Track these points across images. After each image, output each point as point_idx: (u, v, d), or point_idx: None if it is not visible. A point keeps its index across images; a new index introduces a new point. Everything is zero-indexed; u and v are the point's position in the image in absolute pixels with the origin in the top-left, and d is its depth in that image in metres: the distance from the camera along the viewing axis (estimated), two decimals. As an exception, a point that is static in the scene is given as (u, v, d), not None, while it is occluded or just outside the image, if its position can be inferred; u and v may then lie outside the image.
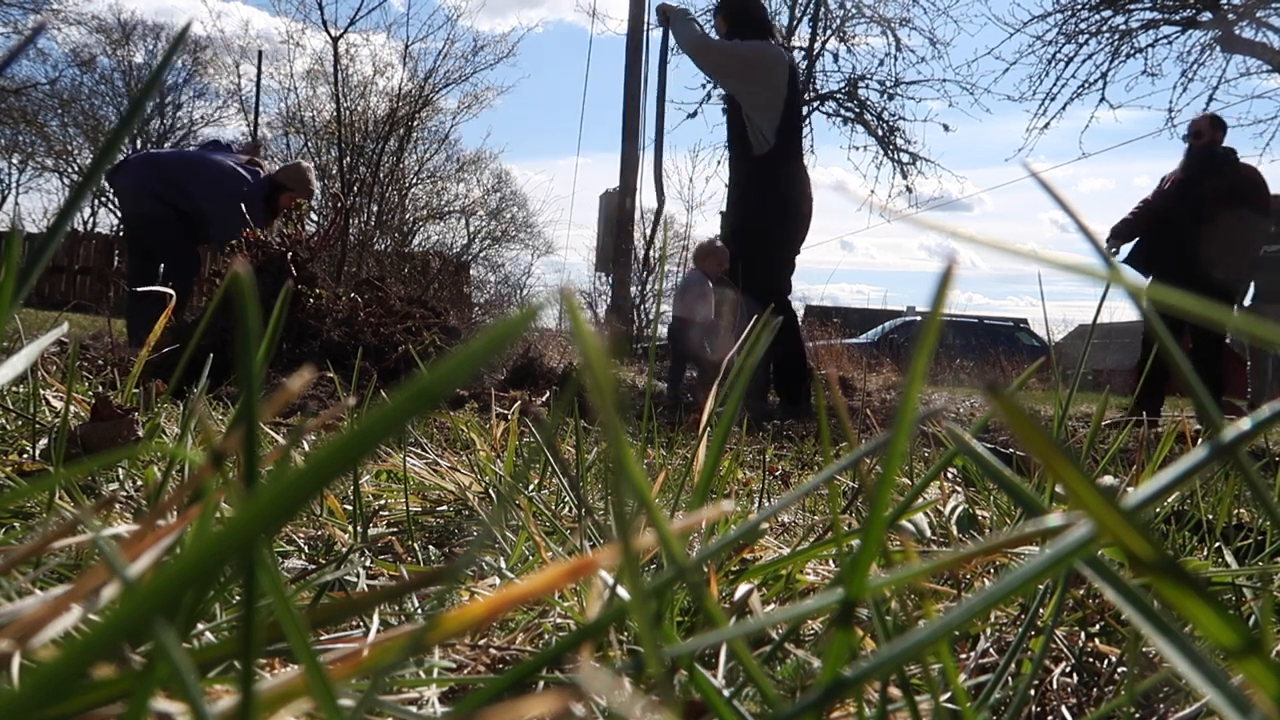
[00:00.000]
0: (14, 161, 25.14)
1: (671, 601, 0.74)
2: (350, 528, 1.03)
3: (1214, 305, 0.29)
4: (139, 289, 5.17)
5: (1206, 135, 5.79)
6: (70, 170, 24.86)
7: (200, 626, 0.61)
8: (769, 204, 4.74)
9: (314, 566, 0.90)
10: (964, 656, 0.76)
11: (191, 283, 5.61)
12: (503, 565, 0.91)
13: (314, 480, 0.23)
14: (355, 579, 0.83)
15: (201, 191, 5.53)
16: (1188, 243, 5.55)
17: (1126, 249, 5.97)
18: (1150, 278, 5.86)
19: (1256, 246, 5.77)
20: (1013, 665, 0.57)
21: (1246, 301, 8.47)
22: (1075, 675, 0.75)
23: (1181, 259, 5.52)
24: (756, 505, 1.43)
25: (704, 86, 13.39)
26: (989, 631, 0.79)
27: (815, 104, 14.54)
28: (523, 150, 49.21)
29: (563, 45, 43.42)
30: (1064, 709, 0.71)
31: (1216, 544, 1.07)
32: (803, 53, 14.32)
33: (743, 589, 0.74)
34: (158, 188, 5.56)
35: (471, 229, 21.97)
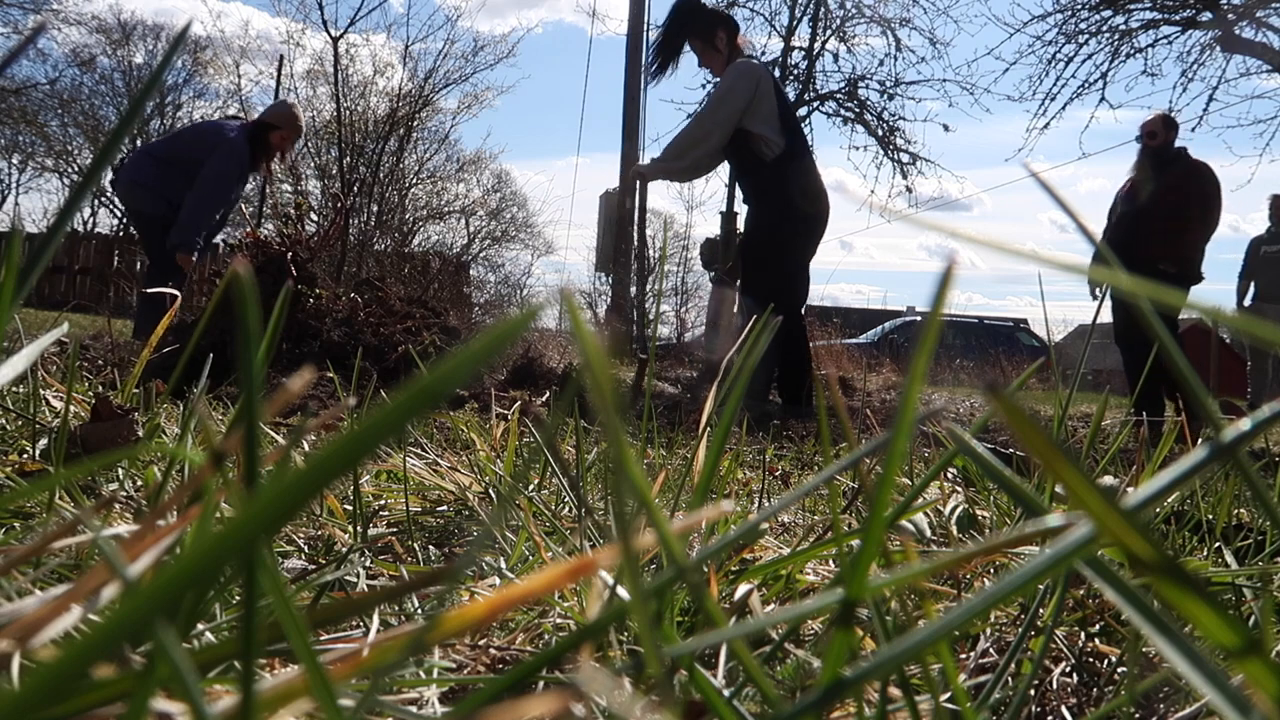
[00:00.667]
0: (14, 162, 25.15)
1: (671, 601, 0.74)
2: (350, 528, 1.03)
3: (1169, 290, 0.29)
4: (150, 288, 5.24)
5: (1161, 136, 5.77)
6: (70, 170, 24.85)
7: (200, 627, 0.61)
8: (792, 203, 4.72)
9: (314, 567, 0.90)
10: (964, 656, 0.76)
11: (180, 282, 5.62)
12: (503, 565, 0.91)
13: (315, 481, 0.23)
14: (355, 579, 0.83)
15: (188, 150, 5.57)
16: (1137, 242, 5.58)
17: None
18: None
19: (1203, 240, 5.78)
20: (1013, 665, 0.57)
21: (1247, 301, 8.47)
22: (1075, 675, 0.75)
23: (1132, 258, 5.53)
24: (756, 505, 1.43)
25: (704, 86, 13.36)
26: (989, 631, 0.79)
27: (815, 104, 14.52)
28: (522, 150, 49.23)
29: (562, 46, 43.45)
30: (1064, 709, 0.71)
31: (1216, 544, 1.07)
32: (803, 53, 14.31)
33: (743, 589, 0.74)
34: (153, 180, 5.59)
35: (471, 229, 21.93)
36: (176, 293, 1.56)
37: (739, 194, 5.08)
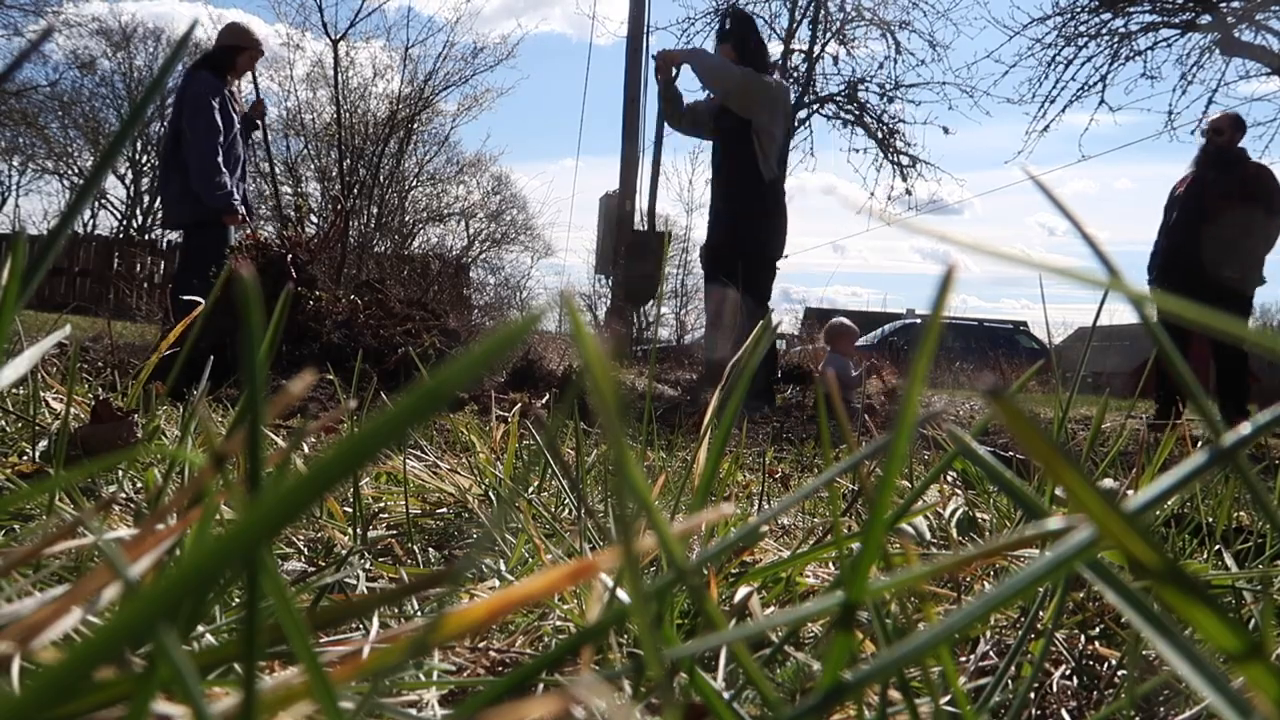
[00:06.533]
0: (14, 164, 25.16)
1: (672, 604, 0.74)
2: (350, 530, 1.03)
3: (1221, 311, 0.29)
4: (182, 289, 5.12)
5: (1227, 134, 5.73)
6: (70, 173, 24.85)
7: (200, 629, 0.61)
8: (773, 222, 5.22)
9: (314, 569, 0.90)
10: (964, 659, 0.76)
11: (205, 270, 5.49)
12: (502, 568, 0.91)
13: (317, 485, 0.23)
14: (355, 581, 0.83)
15: (177, 124, 5.44)
16: (1194, 244, 5.57)
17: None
18: (1158, 281, 5.84)
19: (1266, 246, 5.75)
20: (1013, 668, 0.57)
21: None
22: (1075, 678, 0.75)
23: (1189, 261, 5.53)
24: (756, 508, 1.43)
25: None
26: (989, 634, 0.79)
27: (815, 107, 14.52)
28: (522, 153, 49.20)
29: (561, 49, 43.45)
30: (1064, 712, 0.71)
31: (1216, 547, 1.07)
32: (802, 55, 14.31)
33: (742, 592, 0.74)
34: (176, 188, 5.47)
35: (471, 231, 21.89)
36: (198, 299, 1.56)
37: (719, 198, 5.33)
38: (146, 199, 25.49)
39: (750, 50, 5.25)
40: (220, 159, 5.30)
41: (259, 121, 6.01)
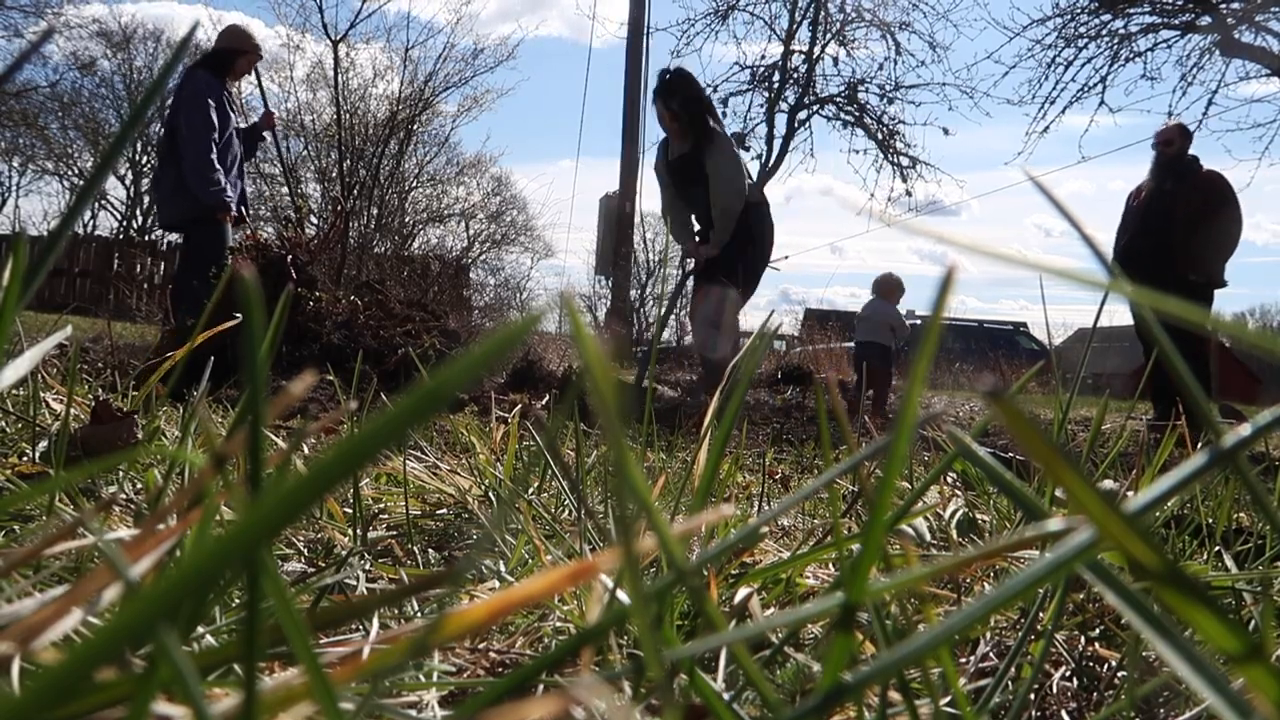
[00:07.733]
0: (14, 164, 25.16)
1: (671, 605, 0.74)
2: (350, 531, 1.03)
3: (1193, 306, 0.30)
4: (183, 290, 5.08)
5: (1177, 144, 5.86)
6: (70, 173, 24.86)
7: (200, 629, 0.61)
8: (763, 234, 5.61)
9: (314, 569, 0.90)
10: (964, 660, 0.76)
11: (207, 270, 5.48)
12: (502, 569, 0.91)
13: (317, 486, 0.23)
14: (355, 582, 0.83)
15: (173, 122, 5.43)
16: (1163, 249, 5.66)
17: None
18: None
19: (1229, 248, 5.84)
20: (1013, 669, 0.57)
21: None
22: (1075, 679, 0.75)
23: (1153, 268, 5.59)
24: (756, 509, 1.43)
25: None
26: (989, 635, 0.79)
27: (815, 108, 14.53)
28: (522, 154, 49.33)
29: (561, 50, 43.48)
30: (1064, 713, 0.71)
31: (1216, 548, 1.07)
32: (803, 56, 14.32)
33: (742, 593, 0.74)
34: (170, 184, 5.46)
35: (471, 232, 21.87)
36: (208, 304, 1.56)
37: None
38: (146, 200, 25.49)
39: (699, 110, 5.39)
40: (214, 156, 5.32)
41: (265, 135, 6.04)
